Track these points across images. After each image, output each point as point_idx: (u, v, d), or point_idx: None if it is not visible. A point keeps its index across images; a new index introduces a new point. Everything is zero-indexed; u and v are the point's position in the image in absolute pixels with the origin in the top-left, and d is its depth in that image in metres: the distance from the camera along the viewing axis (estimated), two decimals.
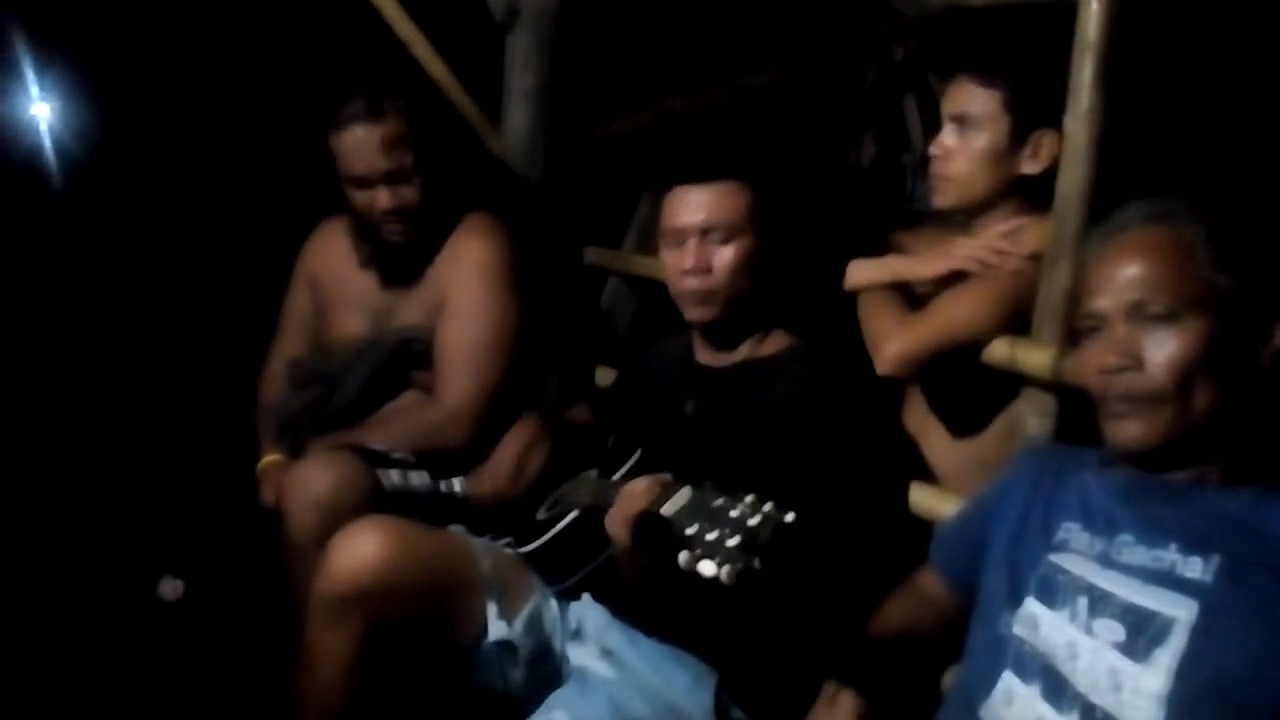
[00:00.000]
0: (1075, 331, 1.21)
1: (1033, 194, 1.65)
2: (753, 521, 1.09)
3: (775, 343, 1.64)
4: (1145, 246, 1.13)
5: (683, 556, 1.10)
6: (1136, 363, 1.11)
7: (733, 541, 1.08)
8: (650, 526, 1.25)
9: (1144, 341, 1.11)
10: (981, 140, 1.67)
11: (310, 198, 2.17)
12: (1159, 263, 1.12)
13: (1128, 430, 1.12)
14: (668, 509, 1.19)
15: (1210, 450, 1.12)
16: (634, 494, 1.32)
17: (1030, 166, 1.64)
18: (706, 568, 1.08)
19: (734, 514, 1.10)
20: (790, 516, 1.10)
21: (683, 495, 1.19)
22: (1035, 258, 1.58)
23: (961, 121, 1.69)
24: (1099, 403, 1.16)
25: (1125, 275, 1.13)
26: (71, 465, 2.36)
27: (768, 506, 1.10)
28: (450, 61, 2.35)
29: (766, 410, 1.54)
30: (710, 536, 1.09)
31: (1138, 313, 1.12)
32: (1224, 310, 1.10)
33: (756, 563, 1.08)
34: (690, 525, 1.12)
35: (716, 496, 1.14)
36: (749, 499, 1.11)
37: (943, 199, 1.74)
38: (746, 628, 1.42)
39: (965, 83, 1.70)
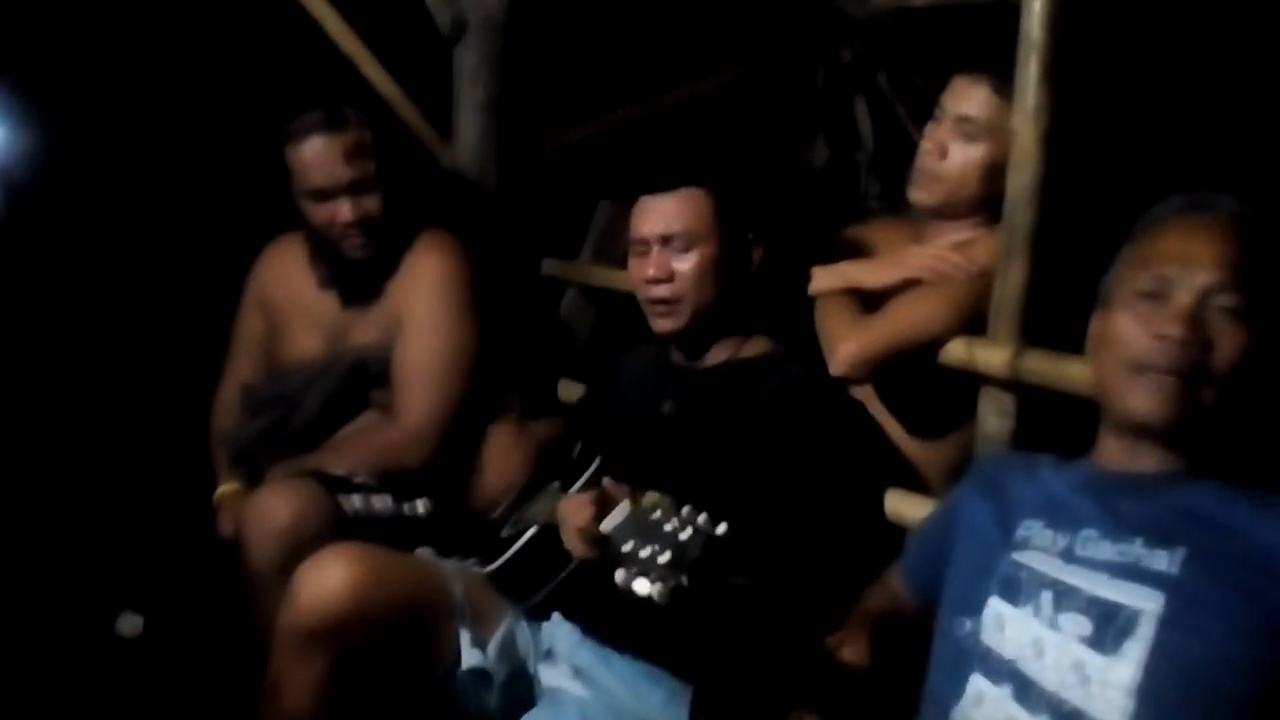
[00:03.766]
0: (1125, 292, 1.15)
1: (1000, 207, 1.58)
2: (683, 536, 1.08)
3: (756, 347, 1.64)
4: (1233, 235, 1.12)
5: (619, 575, 1.11)
6: (1201, 343, 1.09)
7: (664, 558, 1.08)
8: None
9: (1211, 325, 1.09)
10: (983, 150, 1.63)
11: (257, 219, 2.14)
12: (1243, 255, 1.10)
13: (1151, 400, 1.10)
14: (606, 525, 1.18)
15: (1198, 440, 1.12)
16: (572, 509, 1.31)
17: None
18: (640, 586, 1.08)
19: (667, 529, 1.09)
20: (721, 529, 1.09)
21: (621, 510, 1.17)
22: (985, 273, 1.57)
23: (966, 124, 1.64)
24: (1131, 364, 1.12)
25: (1210, 254, 1.11)
26: (25, 499, 2.30)
27: (701, 519, 1.09)
28: (397, 76, 2.32)
29: (751, 408, 1.53)
30: (644, 553, 1.09)
31: (1210, 295, 1.10)
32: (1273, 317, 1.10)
33: (684, 580, 1.07)
34: (627, 541, 1.11)
35: (654, 510, 1.13)
36: (684, 511, 1.10)
37: (926, 196, 1.70)
38: (690, 640, 1.42)
39: (980, 85, 1.64)
